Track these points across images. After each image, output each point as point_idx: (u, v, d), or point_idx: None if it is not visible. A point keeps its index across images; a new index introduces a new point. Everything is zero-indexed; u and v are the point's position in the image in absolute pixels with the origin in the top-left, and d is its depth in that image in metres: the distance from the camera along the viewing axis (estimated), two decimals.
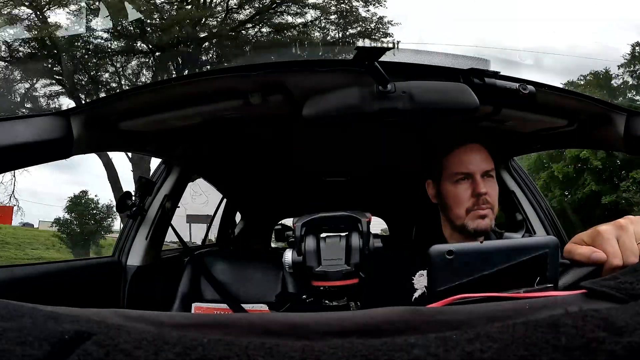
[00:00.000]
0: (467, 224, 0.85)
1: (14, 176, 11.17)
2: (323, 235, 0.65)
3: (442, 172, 0.89)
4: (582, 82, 12.82)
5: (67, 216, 14.08)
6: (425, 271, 0.84)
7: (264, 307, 1.28)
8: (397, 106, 0.70)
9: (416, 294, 0.84)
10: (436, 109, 0.72)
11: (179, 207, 1.47)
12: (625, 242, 0.46)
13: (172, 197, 1.37)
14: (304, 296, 0.67)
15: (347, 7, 9.01)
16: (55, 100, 9.59)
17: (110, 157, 10.22)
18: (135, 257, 1.29)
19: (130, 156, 9.78)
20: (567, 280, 0.46)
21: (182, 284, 1.42)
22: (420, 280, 0.85)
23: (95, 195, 14.81)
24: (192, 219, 2.89)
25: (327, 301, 0.63)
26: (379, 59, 0.68)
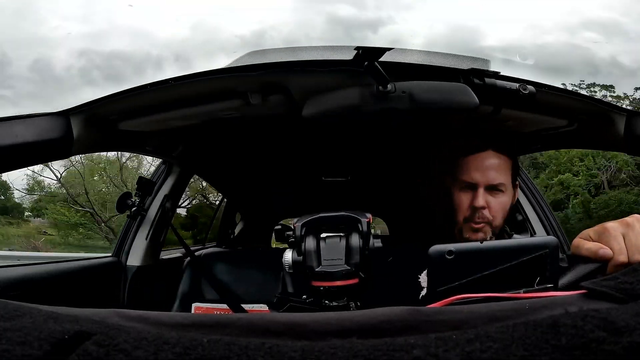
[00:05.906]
0: (463, 232, 0.85)
1: None
2: (323, 235, 0.65)
3: (451, 175, 0.86)
4: None
5: None
6: None
7: (263, 307, 1.28)
8: (397, 106, 0.70)
9: (423, 292, 0.84)
10: (436, 108, 0.72)
11: (179, 207, 1.47)
12: (632, 239, 0.47)
13: (172, 197, 1.37)
14: (304, 296, 0.67)
15: None
16: None
17: None
18: (135, 257, 1.29)
19: None
20: (570, 277, 0.46)
21: (182, 284, 1.42)
22: (427, 279, 0.84)
23: None
24: None
25: (327, 301, 0.63)
26: (379, 59, 0.68)
